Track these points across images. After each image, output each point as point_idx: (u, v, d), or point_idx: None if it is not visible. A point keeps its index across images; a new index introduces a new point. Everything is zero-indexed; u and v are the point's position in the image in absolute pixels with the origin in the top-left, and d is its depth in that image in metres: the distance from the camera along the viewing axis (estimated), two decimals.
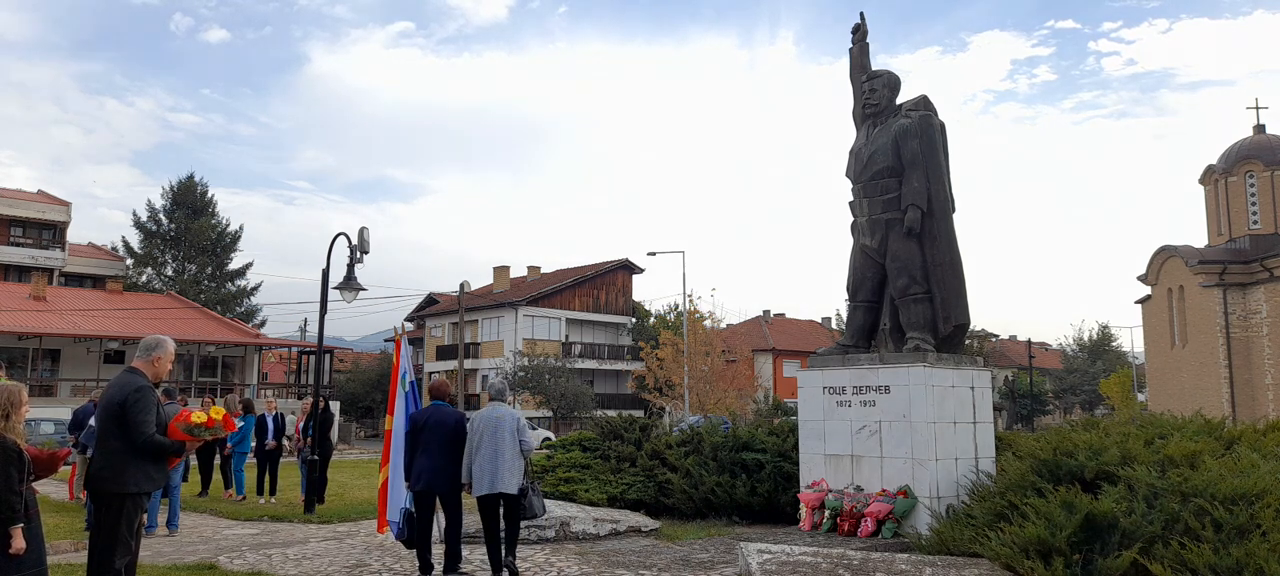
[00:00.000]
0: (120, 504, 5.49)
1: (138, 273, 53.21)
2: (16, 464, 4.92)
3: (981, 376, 10.16)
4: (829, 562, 7.22)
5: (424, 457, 7.84)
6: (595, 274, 56.39)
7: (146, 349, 5.92)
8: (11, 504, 4.84)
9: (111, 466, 5.53)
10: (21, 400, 5.09)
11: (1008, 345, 71.01)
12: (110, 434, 5.57)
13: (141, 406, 5.55)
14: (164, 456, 5.77)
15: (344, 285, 15.68)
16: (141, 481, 5.58)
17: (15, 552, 4.81)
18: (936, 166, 10.27)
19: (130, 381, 5.69)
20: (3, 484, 4.83)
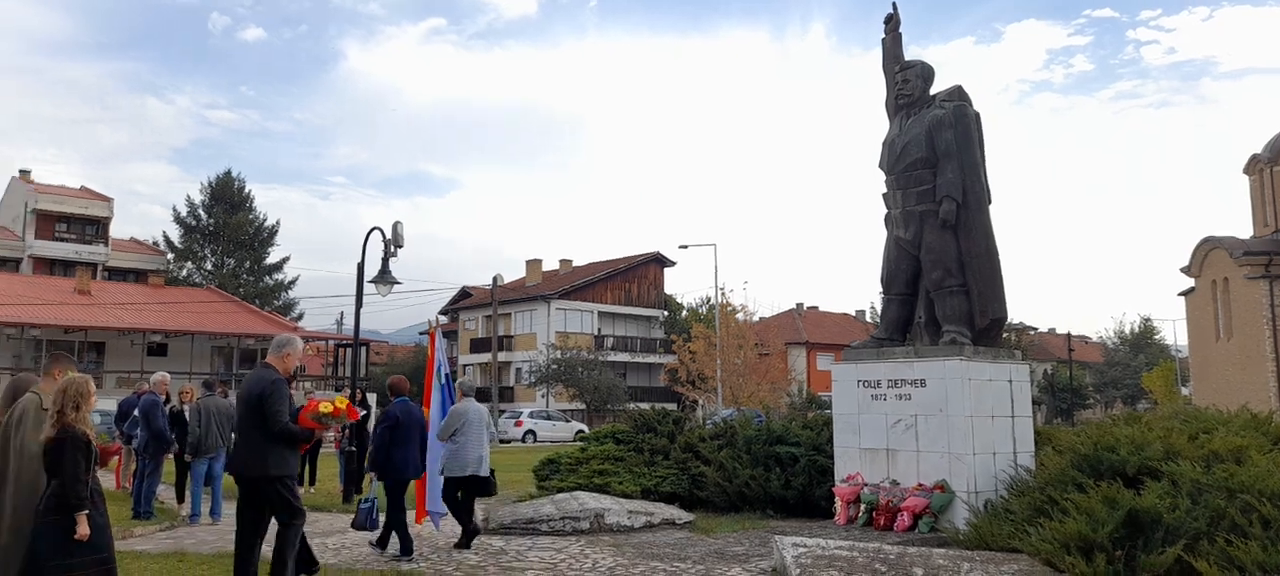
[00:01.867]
0: (269, 486, 6.10)
1: (178, 267, 54.25)
2: (85, 453, 5.08)
3: (1020, 370, 10.02)
4: (865, 556, 7.18)
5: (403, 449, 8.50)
6: (627, 267, 56.44)
7: (278, 347, 6.52)
8: (78, 492, 5.00)
9: (254, 453, 6.12)
10: (90, 392, 5.27)
11: (1047, 338, 69.96)
12: (251, 424, 6.13)
13: (277, 398, 6.10)
14: (297, 442, 6.37)
15: (379, 279, 15.86)
16: (280, 465, 6.15)
17: (81, 537, 4.97)
18: (971, 157, 10.13)
19: (266, 376, 6.24)
20: (71, 472, 4.99)
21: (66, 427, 5.04)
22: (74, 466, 5.00)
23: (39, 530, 5.02)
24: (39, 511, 5.07)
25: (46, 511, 5.02)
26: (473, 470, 8.63)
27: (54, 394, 5.22)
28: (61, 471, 4.98)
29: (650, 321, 56.75)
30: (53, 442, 5.02)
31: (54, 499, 5.00)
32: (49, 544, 4.95)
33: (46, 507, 5.03)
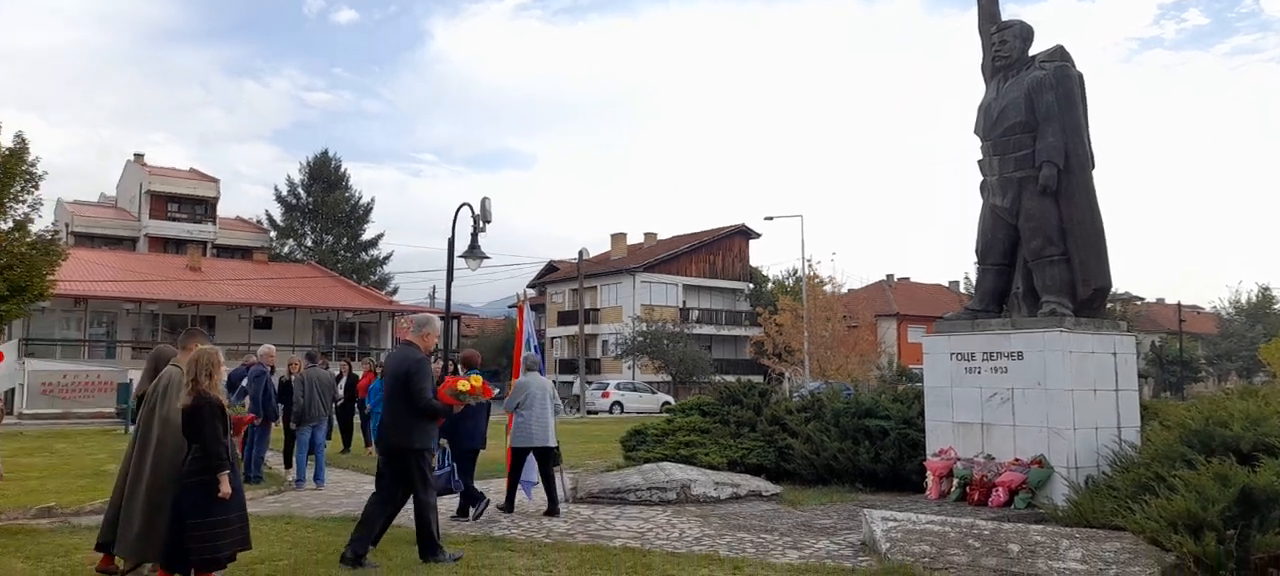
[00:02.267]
0: (414, 457, 6.57)
1: (280, 244, 56.56)
2: (221, 417, 5.51)
3: (1124, 342, 9.60)
4: (958, 531, 7.03)
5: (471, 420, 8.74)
6: (712, 239, 56.22)
7: (419, 326, 6.95)
8: (219, 453, 5.42)
9: (400, 427, 6.60)
10: (219, 362, 5.70)
11: (1155, 309, 66.69)
12: (397, 399, 6.61)
13: (421, 375, 6.58)
14: (438, 417, 6.84)
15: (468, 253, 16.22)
16: (424, 438, 6.65)
17: (223, 496, 5.38)
18: (1074, 120, 9.69)
19: (410, 354, 6.70)
20: (211, 435, 5.41)
21: (202, 395, 5.45)
22: (213, 430, 5.41)
23: (182, 490, 5.44)
24: (182, 473, 5.50)
25: (189, 473, 5.44)
26: (538, 441, 8.97)
27: (187, 364, 5.64)
28: (202, 435, 5.39)
29: (736, 294, 56.46)
30: (190, 409, 5.44)
31: (196, 461, 5.42)
32: (192, 502, 5.36)
33: (189, 469, 5.45)
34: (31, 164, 23.22)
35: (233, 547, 5.52)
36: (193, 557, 5.34)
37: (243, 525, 5.59)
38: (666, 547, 7.38)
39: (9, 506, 8.78)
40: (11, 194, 22.98)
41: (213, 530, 5.34)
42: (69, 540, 7.57)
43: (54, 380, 30.75)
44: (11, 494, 9.58)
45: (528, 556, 6.88)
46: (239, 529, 5.53)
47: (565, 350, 55.68)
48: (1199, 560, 6.06)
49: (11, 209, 23.18)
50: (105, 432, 21.96)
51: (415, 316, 7.23)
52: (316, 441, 11.93)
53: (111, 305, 36.08)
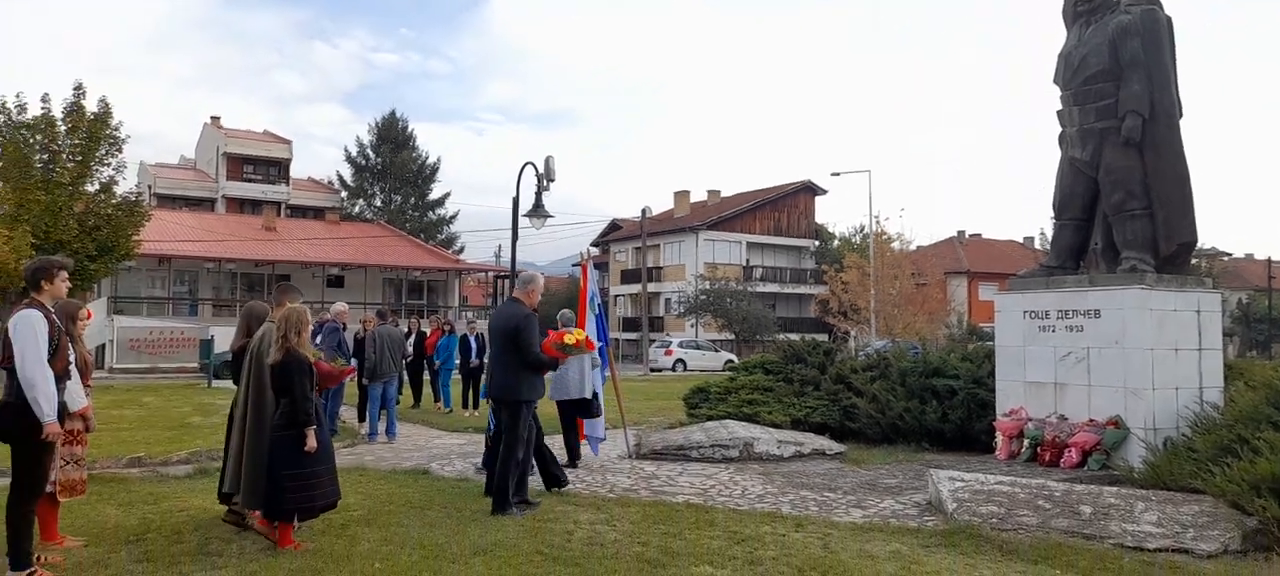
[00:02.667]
0: (520, 408, 6.93)
1: (351, 204, 57.85)
2: (308, 374, 5.73)
3: (1209, 298, 9.21)
4: (1027, 492, 6.89)
5: None
6: (777, 196, 55.56)
7: (523, 283, 7.36)
8: (306, 409, 5.65)
9: (509, 380, 6.95)
10: (308, 320, 5.92)
11: (1243, 265, 63.79)
12: (505, 353, 6.95)
13: (529, 331, 6.90)
14: (544, 369, 7.16)
15: (532, 212, 16.32)
16: (531, 390, 7.02)
17: (309, 450, 5.62)
18: (1161, 67, 9.22)
19: (517, 311, 7.05)
20: (299, 391, 5.63)
21: (290, 352, 5.67)
22: (301, 387, 5.63)
23: (273, 443, 5.71)
24: (272, 427, 5.76)
25: (278, 427, 5.70)
26: (574, 393, 9.30)
27: (278, 322, 5.87)
28: (290, 391, 5.62)
29: (800, 252, 55.83)
30: (279, 365, 5.67)
31: (284, 416, 5.66)
32: (282, 455, 5.62)
33: (278, 424, 5.70)
34: (115, 128, 24.12)
35: (324, 497, 5.79)
36: (288, 506, 5.63)
37: (332, 476, 5.86)
38: (729, 504, 7.40)
39: (102, 456, 9.25)
40: (97, 157, 23.95)
41: (304, 481, 5.62)
42: (158, 488, 7.95)
43: (140, 336, 32.17)
44: (104, 444, 10.09)
45: (592, 510, 6.98)
46: (329, 480, 5.80)
47: (628, 308, 55.93)
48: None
49: (97, 172, 24.17)
50: (189, 387, 22.95)
51: (520, 274, 7.58)
52: (388, 397, 12.26)
53: (193, 264, 37.45)
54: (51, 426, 4.90)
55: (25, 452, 4.96)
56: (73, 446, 5.85)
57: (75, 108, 23.55)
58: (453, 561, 5.30)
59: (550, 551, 5.57)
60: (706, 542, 5.87)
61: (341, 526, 6.20)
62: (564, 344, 7.28)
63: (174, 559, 5.39)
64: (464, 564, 5.25)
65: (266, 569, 5.16)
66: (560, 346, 7.26)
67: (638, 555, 5.50)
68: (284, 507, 5.62)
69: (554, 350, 7.23)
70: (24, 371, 4.85)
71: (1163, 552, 5.83)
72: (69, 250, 21.96)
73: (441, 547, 5.63)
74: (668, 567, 5.21)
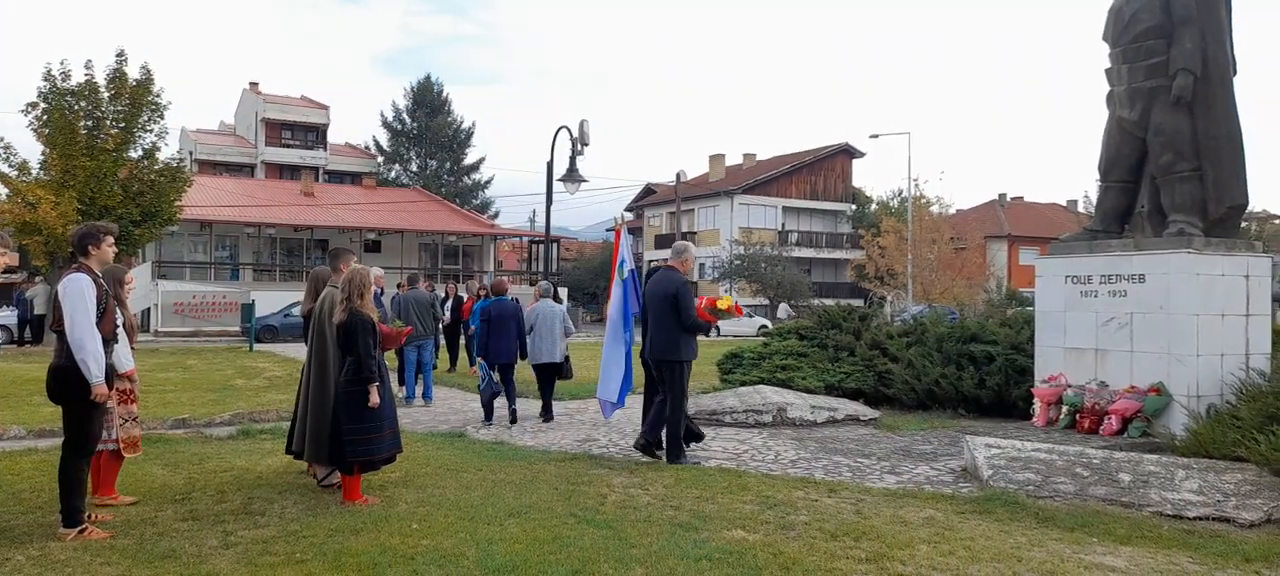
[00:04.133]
0: (680, 367, 7.47)
1: (387, 169, 58.28)
2: (372, 333, 5.94)
3: (1259, 263, 8.96)
4: (1065, 460, 6.80)
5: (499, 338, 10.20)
6: (813, 160, 54.95)
7: (677, 252, 7.83)
8: (371, 366, 5.88)
9: (670, 342, 7.47)
10: (370, 282, 6.10)
11: None
12: (667, 316, 7.45)
13: (687, 297, 7.45)
14: (701, 331, 7.71)
15: (567, 177, 16.34)
16: (689, 351, 7.53)
17: (374, 405, 5.86)
18: (1216, 22, 8.90)
19: (674, 277, 7.56)
20: (364, 350, 5.85)
21: (355, 312, 5.87)
22: (365, 344, 5.84)
23: (339, 398, 5.95)
24: (339, 383, 5.99)
25: (345, 383, 5.93)
26: (545, 358, 10.35)
27: (341, 283, 6.07)
28: (355, 349, 5.84)
29: (837, 216, 55.28)
30: (344, 325, 5.89)
31: (350, 372, 5.89)
32: (348, 410, 5.87)
33: (345, 380, 5.93)
34: (156, 94, 24.47)
35: (386, 450, 6.03)
36: (350, 458, 5.86)
37: (394, 430, 6.11)
38: (762, 469, 7.41)
39: (148, 418, 9.49)
40: (140, 124, 24.34)
41: (367, 435, 5.85)
42: (202, 448, 8.14)
43: (184, 300, 32.85)
44: (150, 406, 10.34)
45: (625, 474, 7.03)
46: (391, 433, 6.05)
47: None
48: None
49: (140, 138, 24.58)
50: (232, 350, 23.42)
51: (674, 244, 8.04)
52: (423, 360, 12.40)
53: (233, 229, 38.05)
54: (99, 388, 5.03)
55: (76, 413, 5.11)
56: (129, 404, 6.04)
57: (118, 74, 23.91)
58: (487, 523, 5.37)
59: (583, 514, 5.62)
60: (739, 507, 5.88)
61: (380, 487, 6.32)
62: (717, 308, 7.76)
63: (218, 517, 5.53)
64: (499, 525, 5.32)
65: (308, 527, 5.27)
66: (713, 310, 7.76)
67: (670, 519, 5.53)
68: (348, 460, 5.86)
69: (707, 315, 7.74)
70: (72, 334, 4.97)
71: (1203, 521, 5.73)
72: (114, 216, 22.42)
73: (477, 509, 5.71)
74: (700, 531, 5.23)
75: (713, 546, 4.90)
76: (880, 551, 4.88)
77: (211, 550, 4.83)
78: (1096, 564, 4.78)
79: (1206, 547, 5.13)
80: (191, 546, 4.89)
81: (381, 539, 5.00)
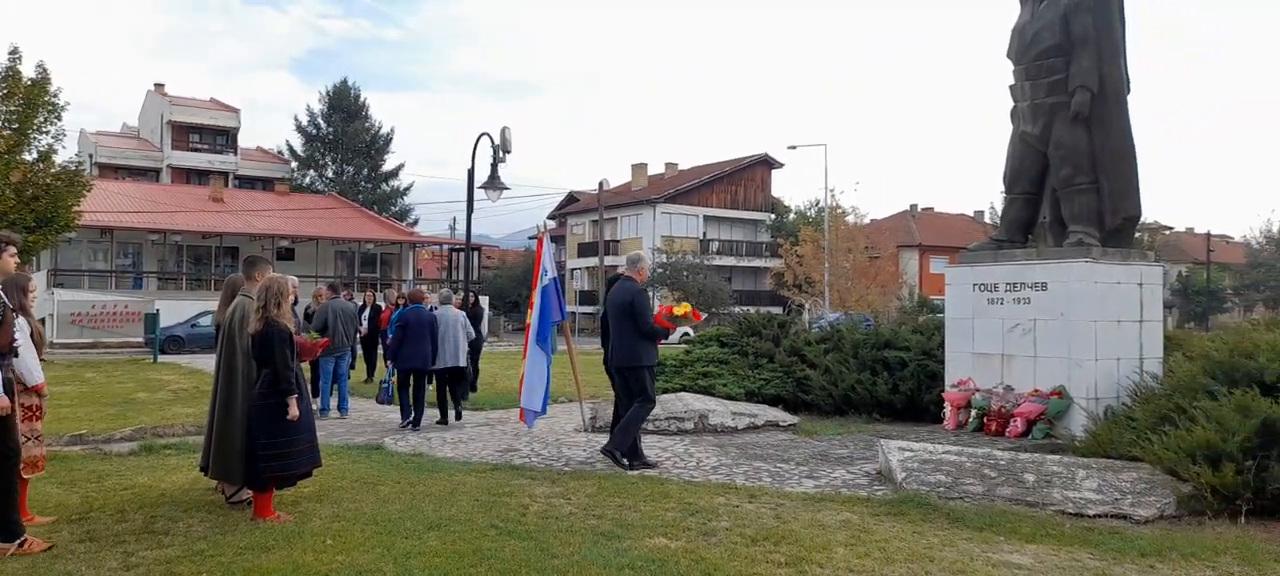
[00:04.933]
0: (643, 372, 7.69)
1: (301, 174, 56.66)
2: (289, 344, 5.73)
3: (1151, 271, 9.46)
4: (973, 461, 7.05)
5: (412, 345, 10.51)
6: (734, 170, 55.69)
7: (631, 263, 8.08)
8: (288, 378, 5.66)
9: (629, 348, 7.67)
10: (288, 290, 5.90)
11: (1184, 238, 65.64)
12: (623, 325, 7.66)
13: (644, 304, 7.71)
14: (658, 338, 7.89)
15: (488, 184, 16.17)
16: (648, 356, 7.75)
17: (292, 419, 5.65)
18: (1111, 43, 9.38)
19: (631, 287, 7.79)
20: (280, 361, 5.64)
21: (271, 322, 5.66)
22: (282, 356, 5.63)
23: (253, 412, 5.72)
24: (252, 396, 5.76)
25: (259, 396, 5.70)
26: (449, 362, 10.78)
27: (257, 292, 5.85)
28: (271, 360, 5.62)
29: (757, 225, 56.14)
30: (260, 335, 5.66)
31: (266, 385, 5.66)
32: (263, 423, 5.65)
33: (259, 392, 5.71)
34: (54, 94, 23.26)
35: (303, 466, 5.85)
36: (266, 475, 5.65)
37: (312, 444, 5.92)
38: (684, 476, 7.45)
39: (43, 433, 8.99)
40: (35, 125, 23.09)
41: (283, 449, 5.66)
42: (101, 465, 7.76)
43: (82, 310, 31.29)
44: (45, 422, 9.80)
45: (547, 484, 6.98)
46: (309, 447, 5.87)
47: (585, 282, 55.84)
48: (1216, 490, 6.05)
49: (35, 140, 23.32)
50: (134, 362, 22.41)
51: (629, 255, 8.41)
52: (340, 371, 12.10)
53: (137, 236, 36.45)
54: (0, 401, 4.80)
55: None
56: (32, 421, 5.71)
57: (11, 73, 22.66)
58: (406, 537, 5.26)
59: (505, 525, 5.56)
60: (661, 515, 5.91)
61: (292, 503, 6.12)
62: (674, 315, 8.07)
63: (118, 537, 5.27)
64: (417, 539, 5.22)
65: (215, 546, 5.07)
66: (670, 317, 8.04)
67: (592, 528, 5.52)
68: (263, 476, 5.65)
69: (665, 321, 7.96)
70: None
71: (1102, 518, 6.01)
72: (6, 222, 21.21)
73: (395, 522, 5.59)
74: (622, 540, 5.23)
75: (635, 554, 4.91)
76: (799, 555, 4.97)
77: (110, 572, 4.61)
78: (1003, 562, 4.97)
79: (1105, 544, 5.37)
80: (89, 569, 4.65)
81: (294, 556, 4.85)
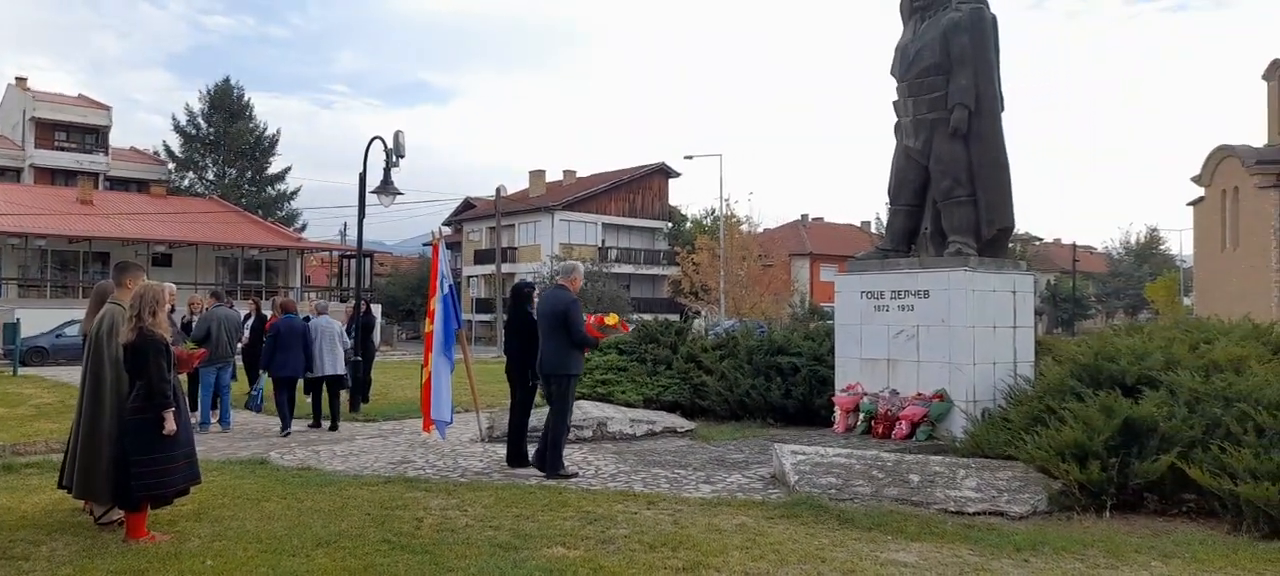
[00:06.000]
0: (569, 381, 7.83)
1: (180, 176, 53.96)
2: (165, 354, 5.42)
3: (1023, 280, 10.01)
4: (862, 463, 7.29)
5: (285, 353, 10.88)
6: (632, 178, 56.07)
7: (566, 272, 8.26)
8: (164, 390, 5.37)
9: (559, 356, 7.74)
10: (164, 298, 5.59)
11: (1052, 248, 69.78)
12: (556, 333, 7.73)
13: (577, 314, 7.80)
14: (587, 347, 8.09)
15: (381, 189, 15.75)
16: (577, 365, 7.90)
17: (168, 433, 5.36)
18: (986, 63, 9.89)
19: (563, 296, 7.92)
20: (156, 373, 5.33)
21: (145, 331, 5.35)
22: (158, 367, 5.35)
23: (125, 427, 5.40)
24: (125, 410, 5.43)
25: (133, 410, 5.38)
26: (328, 370, 11.14)
27: (131, 300, 5.52)
28: (146, 372, 5.32)
29: (654, 233, 56.65)
30: (133, 346, 5.35)
31: (139, 398, 5.36)
32: (136, 439, 5.33)
33: (132, 406, 5.39)
34: None
35: (179, 483, 5.55)
36: (138, 493, 5.32)
37: (190, 460, 5.62)
38: (581, 485, 7.44)
39: None
40: None
41: (158, 466, 5.36)
42: None
43: None
44: None
45: (443, 496, 6.85)
46: (186, 463, 5.57)
47: (481, 289, 55.11)
48: (1083, 486, 6.44)
49: None
50: None
51: (563, 263, 8.71)
52: (222, 383, 11.56)
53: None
54: None
55: None
56: None
57: None
58: (292, 555, 5.07)
59: (398, 539, 5.43)
60: (559, 523, 5.88)
61: (169, 522, 5.80)
62: (605, 325, 8.32)
63: None
64: (305, 557, 5.03)
65: (82, 571, 4.77)
66: (600, 327, 8.27)
67: (489, 540, 5.45)
68: (135, 495, 5.32)
69: (596, 332, 8.18)
70: None
71: (981, 515, 6.32)
72: None
73: (280, 541, 5.38)
74: (520, 550, 5.18)
75: (533, 565, 4.87)
76: (696, 559, 5.03)
77: None
78: (890, 560, 5.16)
79: (984, 540, 5.65)
80: None
81: None
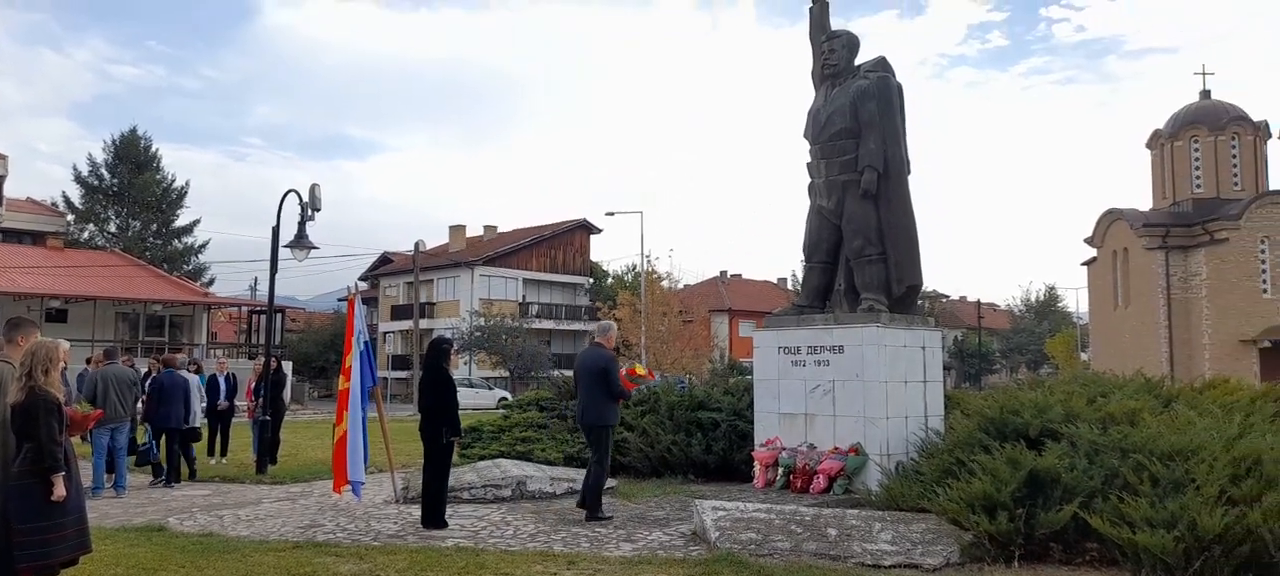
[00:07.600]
0: (608, 431, 8.55)
1: (79, 229, 51.54)
2: (57, 415, 5.14)
3: (932, 336, 10.33)
4: (781, 519, 7.34)
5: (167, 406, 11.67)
6: (553, 233, 56.06)
7: (603, 331, 8.96)
8: (54, 454, 5.08)
9: (598, 409, 8.44)
10: (58, 356, 5.32)
11: (958, 305, 72.38)
12: (596, 387, 8.42)
13: (615, 370, 8.54)
14: (622, 399, 8.83)
15: (295, 243, 15.38)
16: (614, 416, 8.69)
17: (57, 499, 5.05)
18: (893, 128, 10.32)
19: (603, 354, 8.62)
20: (45, 435, 5.05)
21: (36, 391, 5.09)
22: (48, 428, 5.07)
23: (11, 491, 5.06)
24: (11, 473, 5.10)
25: (20, 474, 5.06)
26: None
27: (22, 357, 5.26)
28: (35, 434, 5.04)
29: (576, 288, 56.60)
30: (22, 406, 5.08)
31: (27, 461, 5.06)
32: (23, 505, 5.02)
33: (19, 470, 5.07)
34: None
35: (67, 552, 5.22)
36: (20, 563, 4.99)
37: (80, 527, 5.29)
38: (500, 546, 7.29)
39: None
40: None
41: (44, 534, 5.04)
42: None
43: None
44: None
45: (354, 560, 6.61)
46: (76, 533, 5.24)
47: (398, 345, 53.96)
48: (993, 537, 6.62)
49: None
50: None
51: (600, 323, 9.43)
52: (117, 445, 10.96)
53: None
54: None
55: None
56: None
57: None
58: None
59: None
60: None
61: None
62: (636, 376, 9.20)
63: None
64: None
65: None
66: (632, 378, 9.06)
67: None
68: (18, 564, 5.00)
69: (629, 383, 8.87)
70: None
71: (897, 568, 6.42)
72: None
73: None
74: None
75: None
76: None
77: None
78: None
79: None
80: None
81: None
